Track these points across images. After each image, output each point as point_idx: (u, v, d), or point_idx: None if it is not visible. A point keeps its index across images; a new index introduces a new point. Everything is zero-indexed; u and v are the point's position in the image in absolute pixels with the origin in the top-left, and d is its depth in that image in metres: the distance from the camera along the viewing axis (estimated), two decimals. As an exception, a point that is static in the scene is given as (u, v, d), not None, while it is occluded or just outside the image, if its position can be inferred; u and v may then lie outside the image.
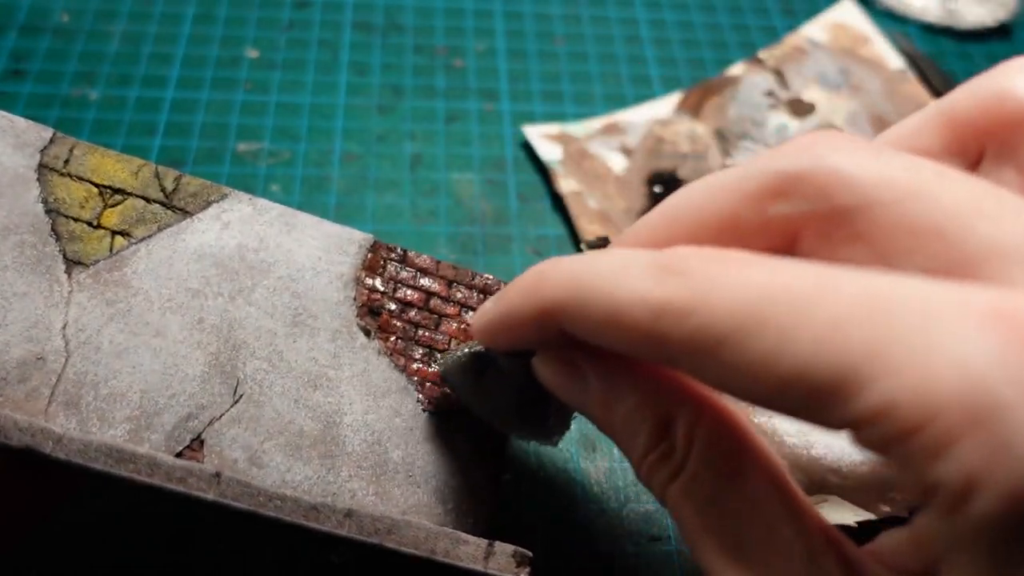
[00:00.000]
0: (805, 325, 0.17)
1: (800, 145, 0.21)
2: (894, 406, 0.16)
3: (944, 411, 0.16)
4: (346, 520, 0.27)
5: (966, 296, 0.17)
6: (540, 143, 0.51)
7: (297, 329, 0.31)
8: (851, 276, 0.18)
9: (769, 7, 0.63)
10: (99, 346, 0.30)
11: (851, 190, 0.20)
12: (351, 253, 0.33)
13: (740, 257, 0.20)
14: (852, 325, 0.17)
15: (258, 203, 0.33)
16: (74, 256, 0.31)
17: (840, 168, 0.20)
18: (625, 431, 0.24)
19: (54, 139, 0.32)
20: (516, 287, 0.24)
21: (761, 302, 0.18)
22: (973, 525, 0.16)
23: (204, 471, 0.27)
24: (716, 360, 0.19)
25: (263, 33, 0.57)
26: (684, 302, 0.19)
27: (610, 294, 0.21)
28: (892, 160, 0.20)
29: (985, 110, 0.24)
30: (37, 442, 0.26)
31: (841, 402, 0.17)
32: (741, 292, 0.19)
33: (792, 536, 0.21)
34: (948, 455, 0.16)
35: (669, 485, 0.23)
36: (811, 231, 0.21)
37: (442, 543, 0.27)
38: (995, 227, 0.19)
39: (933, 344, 0.16)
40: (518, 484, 0.38)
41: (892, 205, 0.20)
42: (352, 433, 0.31)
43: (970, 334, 0.16)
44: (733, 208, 0.22)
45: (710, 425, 0.23)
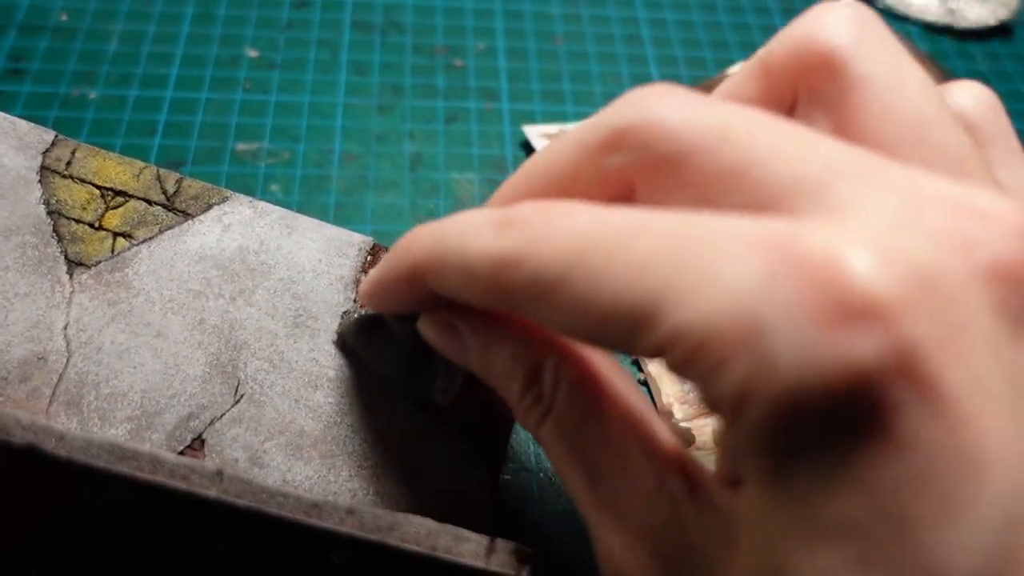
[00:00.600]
0: (614, 263, 0.19)
1: (630, 99, 0.23)
2: (684, 330, 0.18)
3: (718, 333, 0.17)
4: (348, 517, 0.27)
5: (748, 227, 0.18)
6: (540, 143, 0.51)
7: (298, 330, 0.31)
8: (658, 217, 0.20)
9: (769, 7, 0.63)
10: (100, 346, 0.30)
11: (671, 140, 0.21)
12: (351, 256, 0.33)
13: (568, 207, 0.21)
14: (651, 260, 0.18)
15: (259, 206, 0.33)
16: (76, 257, 0.31)
17: (662, 119, 0.22)
18: (502, 380, 0.26)
19: (56, 141, 0.32)
20: (391, 253, 0.26)
21: (580, 246, 0.20)
22: (748, 432, 0.18)
23: (206, 469, 0.27)
24: (548, 304, 0.20)
25: (263, 33, 0.57)
26: (518, 252, 0.21)
27: (461, 250, 0.22)
28: (709, 109, 0.22)
29: (793, 55, 0.25)
30: (39, 440, 0.26)
31: (644, 333, 0.19)
32: (563, 239, 0.20)
33: (643, 463, 0.23)
34: (722, 373, 0.17)
35: (540, 426, 0.25)
36: (643, 181, 0.22)
37: (443, 540, 0.27)
38: (792, 165, 0.20)
39: (714, 272, 0.18)
40: (518, 483, 0.38)
41: (707, 151, 0.21)
42: (353, 433, 0.31)
43: (737, 261, 0.18)
44: (574, 164, 0.24)
45: (573, 370, 0.25)
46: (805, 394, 0.17)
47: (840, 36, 0.24)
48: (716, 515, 0.22)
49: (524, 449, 0.39)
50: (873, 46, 0.24)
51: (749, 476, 0.19)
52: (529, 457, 0.39)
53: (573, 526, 0.37)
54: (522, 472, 0.38)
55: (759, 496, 0.19)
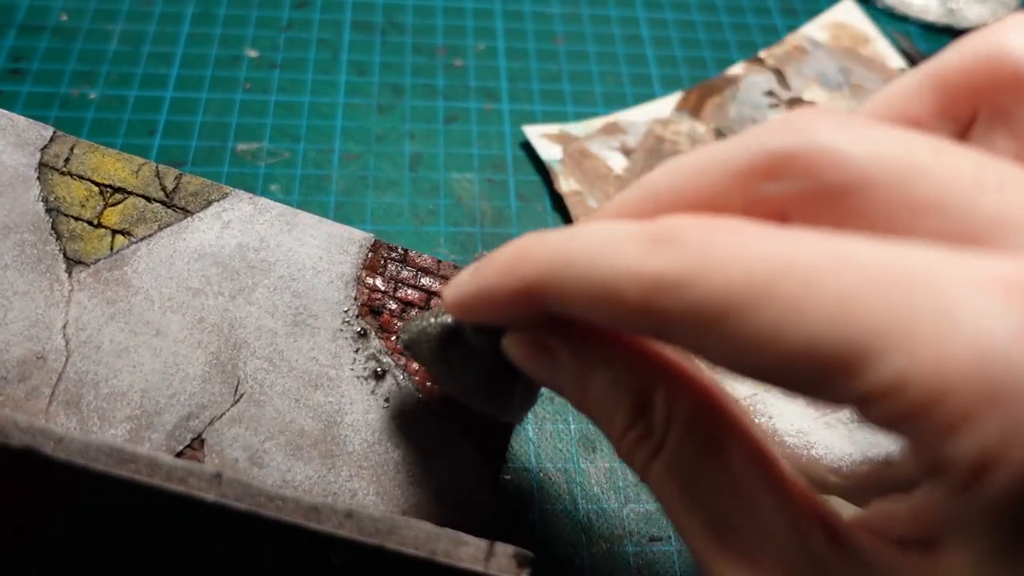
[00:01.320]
0: (813, 297, 0.17)
1: (787, 122, 0.21)
2: (907, 381, 0.16)
3: (959, 387, 0.15)
4: (346, 521, 0.27)
5: (978, 266, 0.16)
6: (540, 143, 0.51)
7: (298, 328, 0.31)
8: (859, 246, 0.18)
9: (769, 6, 0.63)
10: (99, 345, 0.30)
11: (843, 169, 0.20)
12: (352, 253, 0.33)
13: (736, 225, 0.19)
14: (862, 298, 0.16)
15: (259, 202, 0.33)
16: (74, 255, 0.31)
17: (831, 146, 0.20)
18: (602, 410, 0.24)
19: (54, 138, 0.32)
20: (496, 263, 0.23)
21: (764, 273, 0.18)
22: (984, 503, 0.16)
23: (205, 471, 0.27)
24: (716, 334, 0.18)
25: (263, 33, 0.57)
26: (680, 274, 0.19)
27: (598, 268, 0.20)
28: (884, 135, 0.20)
29: (977, 70, 0.23)
30: (38, 442, 0.26)
31: (851, 377, 0.17)
32: (742, 262, 0.18)
33: (775, 510, 0.21)
34: (963, 432, 0.16)
35: (651, 463, 0.22)
36: (801, 210, 0.20)
37: (443, 544, 0.27)
38: (997, 198, 0.18)
39: (946, 317, 0.16)
40: (518, 483, 0.38)
41: (886, 182, 0.19)
42: (353, 433, 0.30)
43: (985, 307, 0.16)
44: (717, 186, 0.21)
45: (689, 401, 0.22)
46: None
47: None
48: (871, 572, 0.20)
49: (524, 449, 0.39)
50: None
51: (966, 544, 0.17)
52: (529, 457, 0.39)
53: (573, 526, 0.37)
54: (522, 472, 0.38)
55: (975, 566, 0.17)
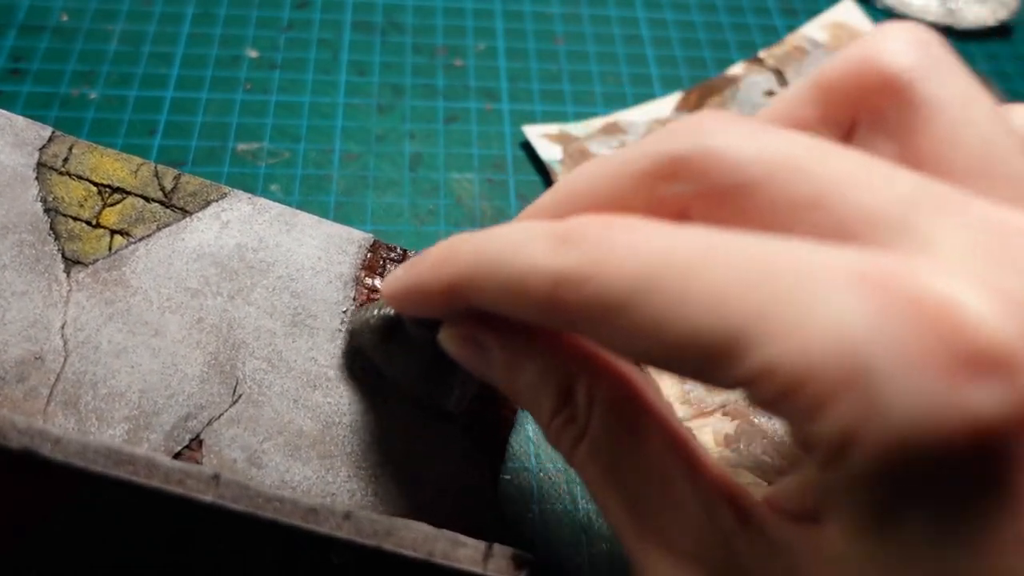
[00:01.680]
0: (694, 289, 0.18)
1: (685, 126, 0.22)
2: (774, 367, 0.17)
3: (819, 371, 0.16)
4: (344, 522, 0.27)
5: (839, 259, 0.18)
6: (540, 143, 0.51)
7: (296, 329, 0.31)
8: (737, 240, 0.19)
9: (769, 6, 0.63)
10: (98, 345, 0.30)
11: (730, 170, 0.21)
12: (351, 253, 0.33)
13: (631, 223, 0.20)
14: (734, 288, 0.18)
15: (258, 202, 0.33)
16: (73, 255, 0.31)
17: (719, 148, 0.21)
18: (530, 398, 0.25)
19: (53, 137, 0.32)
20: (426, 260, 0.25)
21: (652, 266, 0.19)
22: (847, 478, 0.17)
23: (203, 473, 0.27)
24: (612, 325, 0.19)
25: (263, 33, 0.57)
26: (579, 269, 0.20)
27: (511, 265, 0.21)
28: (768, 137, 0.21)
29: (853, 77, 0.24)
30: (35, 444, 0.26)
31: (729, 364, 0.18)
32: (633, 257, 0.19)
33: (688, 491, 0.22)
34: (823, 414, 0.17)
35: (575, 448, 0.24)
36: (699, 209, 0.22)
37: (441, 545, 0.27)
38: (866, 195, 0.19)
39: (807, 306, 0.17)
40: (518, 483, 0.38)
41: (769, 181, 0.20)
42: (351, 433, 0.30)
43: (840, 296, 0.17)
44: (623, 189, 0.23)
45: (609, 389, 0.23)
46: (921, 445, 0.16)
47: (905, 58, 0.23)
48: (772, 547, 0.21)
49: (524, 449, 0.39)
50: (939, 69, 0.23)
51: (839, 517, 0.18)
52: (529, 457, 0.39)
53: (573, 526, 0.37)
54: (522, 472, 0.38)
55: (848, 538, 0.18)
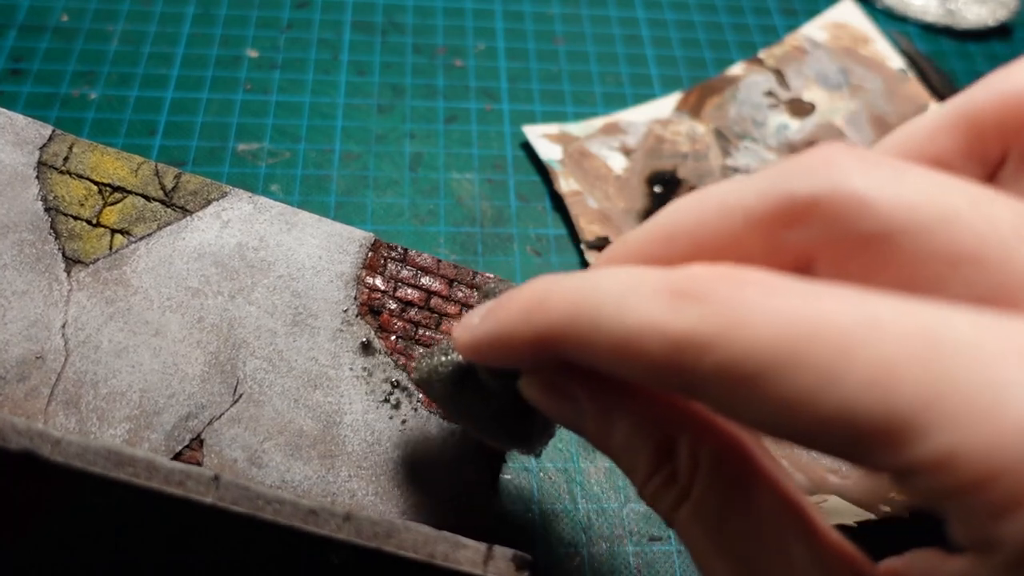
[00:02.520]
0: (850, 364, 0.16)
1: (812, 163, 0.20)
2: (954, 459, 0.15)
3: (1011, 468, 0.15)
4: (345, 524, 0.27)
5: (1019, 333, 0.16)
6: (540, 143, 0.51)
7: (297, 328, 0.31)
8: (897, 308, 0.17)
9: (769, 7, 0.63)
10: (99, 345, 0.30)
11: (874, 217, 0.19)
12: (351, 252, 0.33)
13: (763, 280, 0.18)
14: (903, 366, 0.16)
15: (258, 201, 0.33)
16: (73, 254, 0.31)
17: (859, 191, 0.19)
18: (624, 454, 0.23)
19: (53, 136, 0.32)
20: (510, 307, 0.23)
21: (795, 336, 0.17)
22: (1008, 567, 0.16)
23: (202, 474, 0.27)
24: (745, 397, 0.17)
25: (263, 33, 0.57)
26: (707, 334, 0.18)
27: (620, 322, 0.19)
28: (916, 181, 0.19)
29: (1008, 110, 0.22)
30: (35, 445, 0.26)
31: (892, 449, 0.16)
32: (773, 324, 0.17)
33: (806, 559, 0.20)
34: (1015, 515, 0.15)
35: (677, 509, 0.22)
36: (827, 256, 0.20)
37: (441, 547, 0.27)
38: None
39: (995, 393, 0.15)
40: (518, 483, 0.38)
41: (918, 231, 0.18)
42: (352, 433, 0.30)
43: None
44: (739, 231, 0.21)
45: (714, 448, 0.21)
46: None
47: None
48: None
49: (524, 449, 0.39)
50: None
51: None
52: (529, 457, 0.39)
53: (573, 526, 0.37)
54: (522, 472, 0.38)
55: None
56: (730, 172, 0.51)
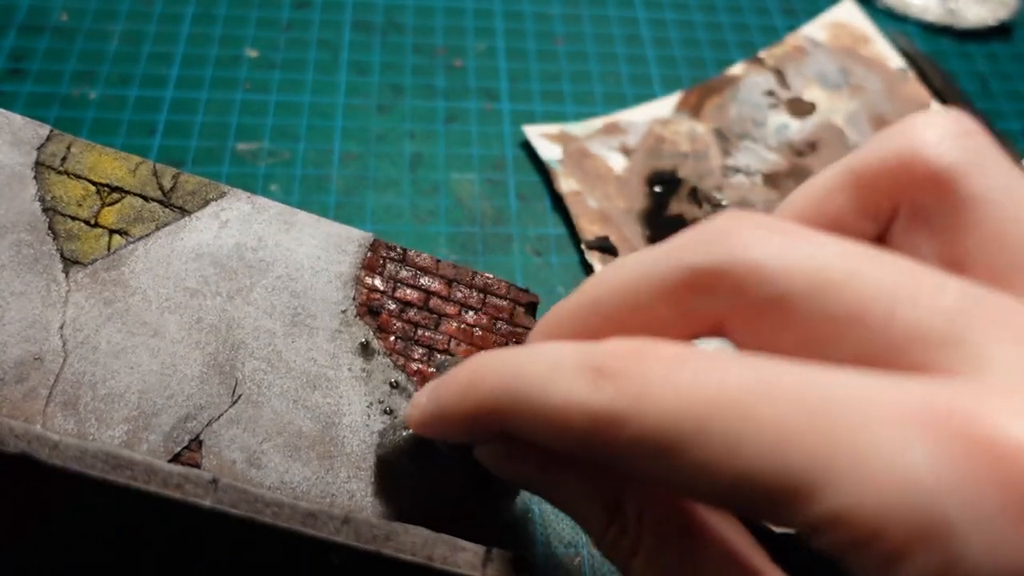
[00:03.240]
0: (748, 431, 0.17)
1: (711, 234, 0.21)
2: (845, 517, 0.16)
3: (891, 525, 0.16)
4: (343, 527, 0.27)
5: (897, 393, 0.17)
6: (540, 143, 0.51)
7: (296, 329, 0.31)
8: (789, 373, 0.18)
9: (769, 7, 0.63)
10: (97, 346, 0.29)
11: (769, 284, 0.20)
12: (350, 252, 0.33)
13: (669, 352, 0.19)
14: (795, 430, 0.17)
15: (257, 201, 0.32)
16: (71, 255, 0.30)
17: (755, 261, 0.20)
18: (577, 511, 0.24)
19: (51, 136, 0.32)
20: (450, 386, 0.24)
21: (698, 408, 0.18)
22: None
23: (201, 477, 0.27)
24: (662, 467, 0.19)
25: (263, 33, 0.57)
26: (618, 409, 0.19)
27: (544, 400, 0.21)
28: (807, 245, 0.20)
29: (893, 169, 0.23)
30: (33, 448, 0.26)
31: (792, 509, 0.17)
32: (676, 399, 0.18)
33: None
34: (901, 567, 0.16)
35: (631, 561, 0.23)
36: (737, 321, 0.21)
37: (440, 549, 0.27)
38: (913, 310, 0.18)
39: (873, 451, 0.16)
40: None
41: (811, 295, 0.19)
42: (351, 434, 0.30)
43: (904, 443, 0.16)
44: (651, 302, 0.22)
45: (658, 502, 0.23)
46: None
47: (948, 152, 0.22)
48: None
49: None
50: (983, 163, 0.22)
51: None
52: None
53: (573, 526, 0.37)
54: (522, 473, 0.38)
55: None
56: (730, 172, 0.51)
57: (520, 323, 0.33)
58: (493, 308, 0.33)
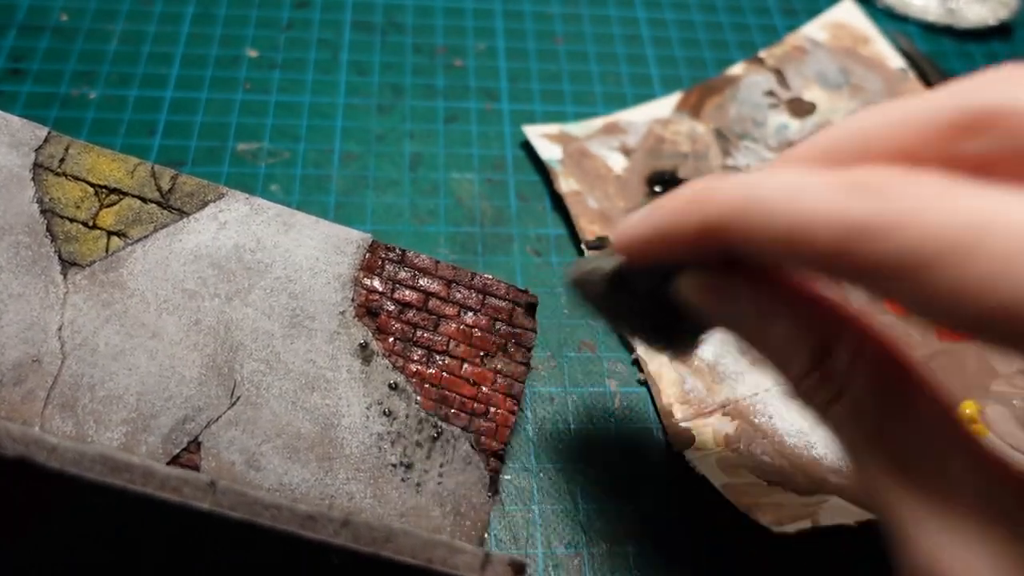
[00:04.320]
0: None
1: (992, 78, 0.21)
2: None
3: None
4: (342, 529, 0.27)
5: None
6: (540, 143, 0.51)
7: (295, 330, 0.31)
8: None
9: (769, 6, 0.63)
10: (95, 348, 0.29)
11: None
12: (349, 253, 0.33)
13: (943, 180, 0.19)
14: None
15: (255, 203, 0.32)
16: (70, 257, 0.30)
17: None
18: (780, 353, 0.24)
19: (49, 138, 0.32)
20: (674, 203, 0.24)
21: (973, 226, 0.18)
22: None
23: (199, 480, 0.27)
24: (916, 284, 0.18)
25: (263, 33, 0.57)
26: (884, 220, 0.19)
27: (793, 210, 0.20)
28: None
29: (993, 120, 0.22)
30: (31, 452, 0.26)
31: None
32: (949, 214, 0.18)
33: (965, 469, 0.21)
34: None
35: (830, 407, 0.23)
36: (1005, 168, 0.20)
37: (439, 552, 0.27)
38: None
39: None
40: (518, 483, 0.38)
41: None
42: (350, 435, 0.30)
43: None
44: (916, 139, 0.21)
45: (872, 353, 0.23)
46: None
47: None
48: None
49: (524, 449, 0.39)
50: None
51: None
52: (529, 457, 0.39)
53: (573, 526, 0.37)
54: (522, 472, 0.38)
55: None
56: (730, 172, 0.51)
57: (519, 324, 0.33)
58: (492, 309, 0.33)
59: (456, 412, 0.32)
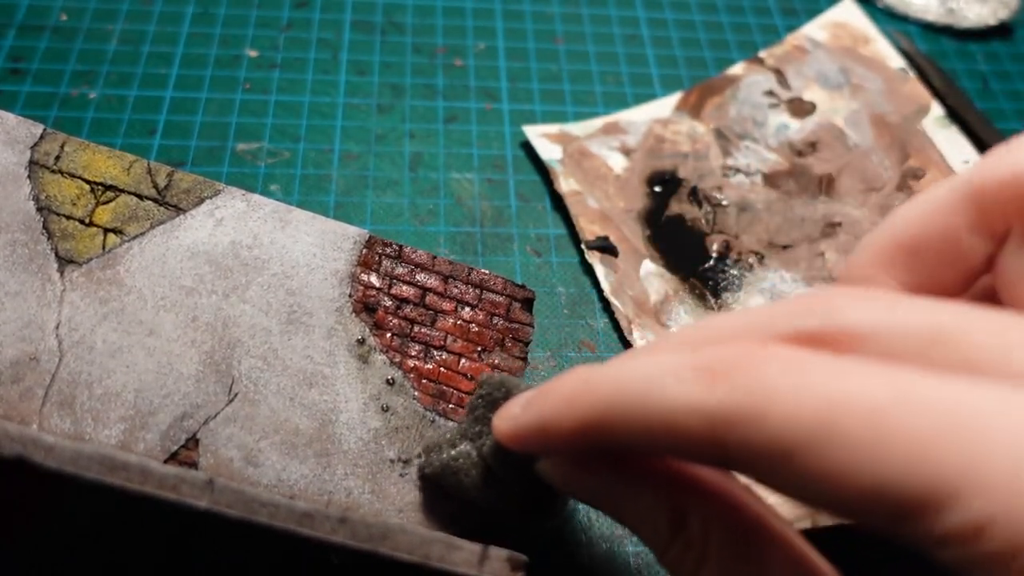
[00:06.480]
0: (884, 439, 0.17)
1: (813, 303, 0.21)
2: (988, 528, 0.16)
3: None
4: (340, 527, 0.27)
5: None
6: (540, 143, 0.51)
7: (292, 327, 0.31)
8: (923, 381, 0.18)
9: (770, 6, 0.63)
10: (93, 345, 0.29)
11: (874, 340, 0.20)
12: (346, 249, 0.33)
13: (790, 357, 0.19)
14: (934, 439, 0.16)
15: (252, 199, 0.32)
16: (66, 254, 0.30)
17: (855, 326, 0.20)
18: (642, 526, 0.24)
19: (44, 135, 0.32)
20: (553, 398, 0.24)
21: (831, 412, 0.17)
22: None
23: (197, 479, 0.26)
24: (781, 471, 0.18)
25: (263, 33, 0.57)
26: (744, 409, 0.18)
27: (659, 403, 0.20)
28: (907, 310, 0.20)
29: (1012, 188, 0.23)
30: (28, 451, 0.26)
31: (925, 519, 0.16)
32: (806, 401, 0.18)
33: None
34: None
35: (696, 574, 0.23)
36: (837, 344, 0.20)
37: (436, 549, 0.27)
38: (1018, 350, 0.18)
39: None
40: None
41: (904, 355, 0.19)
42: (348, 431, 0.30)
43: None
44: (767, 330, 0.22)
45: (724, 513, 0.23)
46: None
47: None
48: None
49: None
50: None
51: None
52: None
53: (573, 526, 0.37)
54: (520, 472, 0.38)
55: None
56: (730, 172, 0.51)
57: (516, 319, 0.33)
58: (489, 304, 0.33)
59: (454, 407, 0.32)
